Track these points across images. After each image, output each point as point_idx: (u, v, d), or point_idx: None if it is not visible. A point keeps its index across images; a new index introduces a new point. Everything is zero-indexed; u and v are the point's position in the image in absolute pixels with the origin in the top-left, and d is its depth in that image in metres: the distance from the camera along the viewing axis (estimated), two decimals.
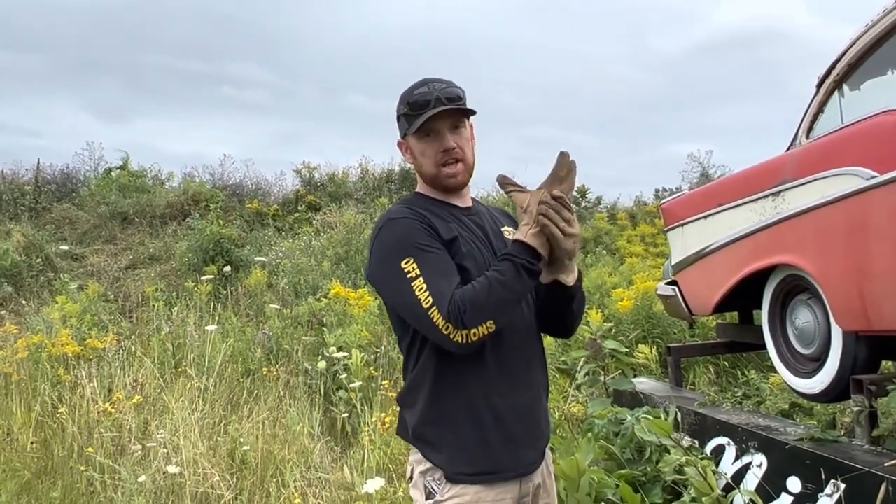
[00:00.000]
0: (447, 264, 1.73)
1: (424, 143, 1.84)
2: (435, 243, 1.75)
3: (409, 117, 1.84)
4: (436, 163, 1.84)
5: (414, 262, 1.71)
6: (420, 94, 1.83)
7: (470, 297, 1.64)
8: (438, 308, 1.65)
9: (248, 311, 8.96)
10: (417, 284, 1.68)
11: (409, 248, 1.72)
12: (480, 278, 1.68)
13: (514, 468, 1.78)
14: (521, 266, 1.67)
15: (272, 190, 16.58)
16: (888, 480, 2.47)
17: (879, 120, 2.92)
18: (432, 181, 1.88)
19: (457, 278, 1.72)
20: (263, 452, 4.38)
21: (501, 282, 1.65)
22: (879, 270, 2.90)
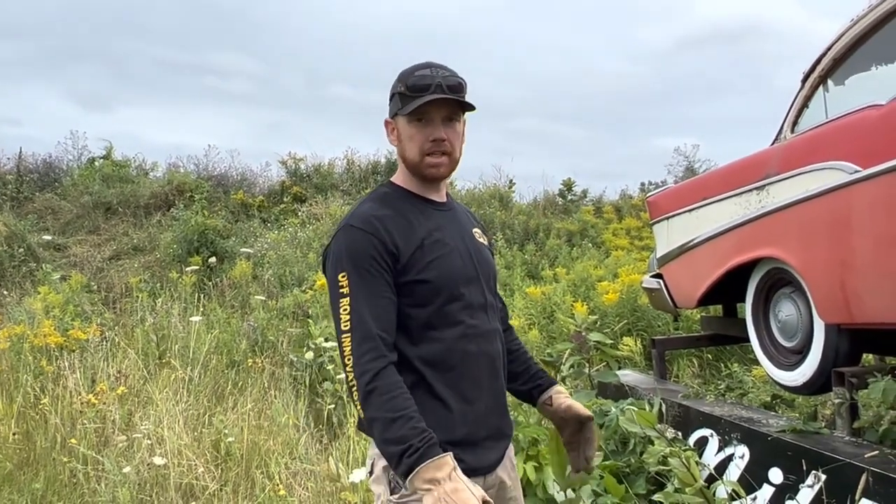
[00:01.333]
0: (382, 298, 1.69)
1: (414, 127, 1.77)
2: (381, 268, 1.70)
3: (405, 98, 1.76)
4: (421, 150, 1.78)
5: (347, 280, 1.69)
6: (420, 76, 1.76)
7: (374, 389, 1.62)
8: (352, 338, 1.66)
9: (233, 302, 8.93)
10: (344, 303, 1.68)
11: (350, 265, 1.69)
12: (394, 399, 1.61)
13: (477, 468, 1.77)
14: (397, 457, 1.59)
15: (257, 181, 16.49)
16: (868, 471, 2.50)
17: (863, 115, 2.95)
18: (413, 168, 1.82)
19: (387, 313, 1.69)
20: (248, 444, 4.36)
21: (384, 424, 1.60)
22: (861, 264, 2.92)
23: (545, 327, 7.33)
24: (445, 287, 1.75)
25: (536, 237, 12.91)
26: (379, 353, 1.65)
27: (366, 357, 1.64)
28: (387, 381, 1.63)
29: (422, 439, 1.57)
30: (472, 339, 1.79)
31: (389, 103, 1.84)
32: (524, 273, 10.35)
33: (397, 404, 1.61)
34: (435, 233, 1.79)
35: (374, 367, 1.63)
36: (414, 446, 1.56)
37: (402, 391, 1.64)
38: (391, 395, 1.62)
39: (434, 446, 1.58)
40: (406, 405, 1.62)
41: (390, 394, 1.62)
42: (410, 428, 1.58)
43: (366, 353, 1.65)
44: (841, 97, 3.34)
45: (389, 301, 1.71)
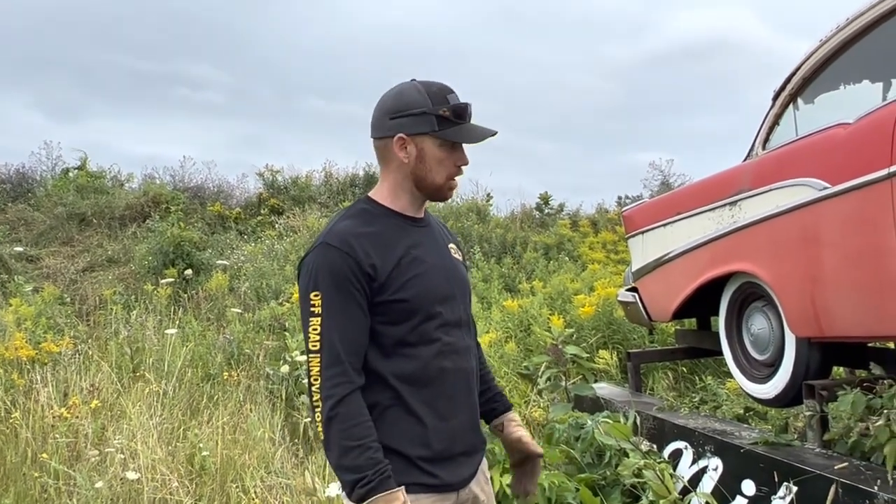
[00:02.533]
0: (353, 322, 1.70)
1: (447, 152, 1.76)
2: (354, 289, 1.69)
3: (446, 122, 1.74)
4: (448, 175, 1.79)
5: (320, 300, 1.69)
6: (456, 99, 1.77)
7: (336, 415, 1.64)
8: (321, 359, 1.67)
9: (208, 315, 8.85)
10: (314, 323, 1.68)
11: (323, 285, 1.69)
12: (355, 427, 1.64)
13: (452, 482, 1.79)
14: (350, 485, 1.63)
15: (234, 193, 16.39)
16: (837, 482, 2.55)
17: (832, 133, 3.02)
18: (434, 190, 1.81)
19: (357, 337, 1.70)
20: (223, 458, 4.33)
21: (342, 451, 1.63)
22: (831, 279, 2.99)
23: (522, 340, 7.35)
24: (423, 306, 1.76)
25: (514, 250, 12.95)
26: (345, 379, 1.66)
27: (331, 381, 1.66)
28: (349, 409, 1.65)
29: (376, 471, 1.61)
30: (448, 356, 1.80)
31: (410, 118, 1.76)
32: (501, 286, 10.38)
33: (357, 433, 1.63)
34: (413, 250, 1.79)
35: (339, 393, 1.65)
36: (367, 477, 1.60)
37: (364, 419, 1.66)
38: (352, 423, 1.64)
39: (387, 480, 1.61)
40: (365, 434, 1.64)
41: (352, 421, 1.64)
42: (367, 458, 1.62)
43: (332, 377, 1.66)
44: (810, 115, 3.42)
45: (360, 324, 1.71)
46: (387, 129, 1.78)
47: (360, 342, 1.71)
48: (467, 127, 1.77)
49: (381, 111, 1.81)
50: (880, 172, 2.65)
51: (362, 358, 1.72)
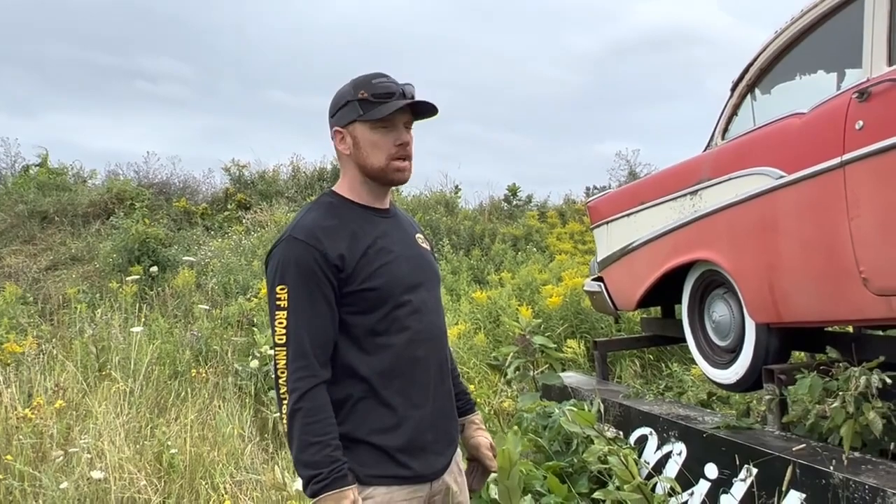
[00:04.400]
0: (320, 315, 1.72)
1: (379, 133, 1.78)
2: (321, 281, 1.71)
3: (367, 104, 1.76)
4: (389, 156, 1.79)
5: (286, 294, 1.71)
6: (382, 83, 1.78)
7: (299, 409, 1.66)
8: (287, 353, 1.69)
9: (175, 312, 8.76)
10: (281, 317, 1.71)
11: (290, 278, 1.71)
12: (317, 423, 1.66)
13: (425, 474, 1.81)
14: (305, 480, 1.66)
15: (200, 188, 16.20)
16: (795, 464, 2.61)
17: (788, 122, 3.08)
18: (377, 173, 1.82)
19: (324, 330, 1.72)
20: (192, 455, 4.30)
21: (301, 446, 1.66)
22: (788, 266, 3.05)
23: (491, 331, 7.40)
24: (392, 294, 1.78)
25: (482, 242, 13.00)
26: (310, 372, 1.69)
27: (297, 374, 1.68)
28: (313, 404, 1.67)
29: (332, 469, 1.64)
30: (420, 345, 1.82)
31: (339, 111, 1.82)
32: (470, 278, 10.42)
33: (318, 429, 1.66)
34: (379, 240, 1.81)
35: (303, 387, 1.67)
36: (323, 475, 1.63)
37: (326, 415, 1.68)
38: (314, 419, 1.66)
39: (341, 479, 1.65)
40: (326, 431, 1.67)
41: (314, 417, 1.66)
42: (324, 455, 1.65)
43: (297, 370, 1.68)
44: (767, 105, 3.48)
45: (327, 317, 1.73)
46: (330, 127, 1.86)
47: (326, 335, 1.73)
48: (385, 104, 1.77)
49: (328, 114, 1.87)
50: (834, 161, 2.71)
51: (329, 351, 1.74)
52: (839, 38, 3.11)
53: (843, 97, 2.75)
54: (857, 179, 2.62)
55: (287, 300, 1.71)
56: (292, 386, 1.67)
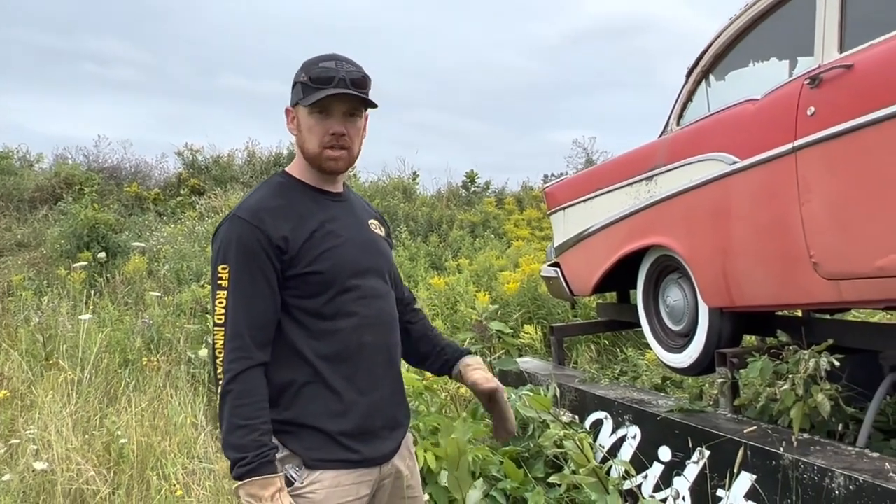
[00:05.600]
0: (260, 296, 1.69)
1: (315, 119, 1.75)
2: (263, 262, 1.68)
3: (307, 88, 1.74)
4: (321, 143, 1.76)
5: (227, 274, 1.68)
6: (325, 68, 1.74)
7: (230, 391, 1.64)
8: (224, 333, 1.66)
9: (126, 299, 8.56)
10: (221, 296, 1.68)
11: (232, 258, 1.68)
12: (246, 406, 1.63)
13: (373, 458, 1.79)
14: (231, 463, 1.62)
15: (153, 173, 15.92)
16: (746, 445, 2.65)
17: (741, 109, 3.11)
18: (312, 159, 1.80)
19: (263, 312, 1.69)
20: (143, 445, 4.21)
21: (230, 428, 1.63)
22: (741, 251, 3.09)
23: (448, 317, 7.39)
24: (337, 278, 1.75)
25: (440, 228, 12.99)
26: (244, 354, 1.65)
27: (231, 355, 1.65)
28: (245, 386, 1.64)
29: (258, 454, 1.61)
30: (367, 330, 1.79)
31: (291, 91, 1.81)
32: (428, 264, 10.41)
33: (246, 412, 1.63)
34: (327, 224, 1.78)
35: (236, 369, 1.64)
36: (248, 459, 1.60)
37: (257, 399, 1.65)
38: (243, 402, 1.63)
39: (267, 464, 1.62)
40: (256, 415, 1.64)
41: (243, 399, 1.63)
42: (251, 440, 1.61)
43: (232, 351, 1.65)
44: (721, 92, 3.51)
45: (267, 299, 1.70)
46: None
47: (265, 317, 1.70)
48: (322, 89, 1.73)
49: None
50: (786, 146, 2.74)
51: (268, 334, 1.71)
52: (792, 25, 3.14)
53: (796, 84, 2.78)
54: (808, 165, 2.65)
55: (228, 280, 1.68)
56: (226, 367, 1.65)
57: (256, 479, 1.59)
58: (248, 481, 1.60)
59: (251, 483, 1.60)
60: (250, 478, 1.59)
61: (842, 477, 2.31)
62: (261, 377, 1.67)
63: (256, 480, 1.60)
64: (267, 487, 1.60)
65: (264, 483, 1.60)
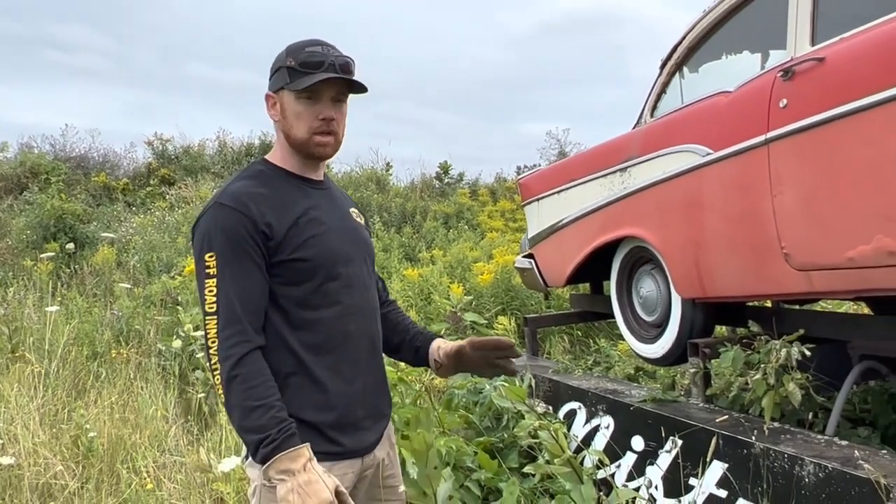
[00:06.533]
0: (251, 280, 1.66)
1: (303, 105, 1.73)
2: (250, 248, 1.65)
3: (295, 73, 1.71)
4: (310, 129, 1.74)
5: (215, 261, 1.65)
6: (313, 52, 1.72)
7: (236, 375, 1.60)
8: (218, 321, 1.63)
9: (94, 290, 8.44)
10: (210, 284, 1.64)
11: (218, 245, 1.65)
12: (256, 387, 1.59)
13: (356, 450, 1.78)
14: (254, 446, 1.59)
15: (121, 163, 15.71)
16: (718, 435, 2.68)
17: (714, 101, 3.13)
18: (299, 146, 1.77)
19: (255, 296, 1.66)
20: (112, 438, 4.15)
21: (244, 412, 1.59)
22: (713, 242, 3.11)
23: (422, 309, 7.38)
24: (323, 265, 1.74)
25: (413, 220, 12.96)
26: (243, 338, 1.62)
27: (230, 341, 1.62)
28: (250, 369, 1.61)
29: (280, 430, 1.57)
30: (351, 319, 1.78)
31: (272, 76, 1.78)
32: (401, 255, 10.38)
33: (258, 392, 1.59)
34: (311, 211, 1.76)
35: (238, 353, 1.61)
36: (271, 436, 1.56)
37: (265, 378, 1.62)
38: (253, 384, 1.60)
39: (291, 437, 1.58)
40: (268, 394, 1.60)
41: (252, 381, 1.60)
42: (270, 417, 1.58)
43: (230, 336, 1.62)
44: (695, 84, 3.53)
45: (258, 283, 1.68)
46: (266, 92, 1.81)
47: (258, 301, 1.67)
48: (310, 74, 1.72)
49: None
50: (758, 138, 2.76)
51: (261, 318, 1.69)
52: (764, 18, 3.16)
53: (769, 76, 2.80)
54: (780, 157, 2.67)
55: (216, 267, 1.65)
56: (226, 353, 1.61)
57: (283, 453, 1.56)
58: (277, 458, 1.56)
59: (279, 459, 1.56)
60: (277, 454, 1.56)
61: (811, 465, 2.34)
62: (263, 359, 1.65)
63: (285, 455, 1.56)
64: (296, 460, 1.56)
65: (293, 455, 1.56)
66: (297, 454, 1.57)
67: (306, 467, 1.57)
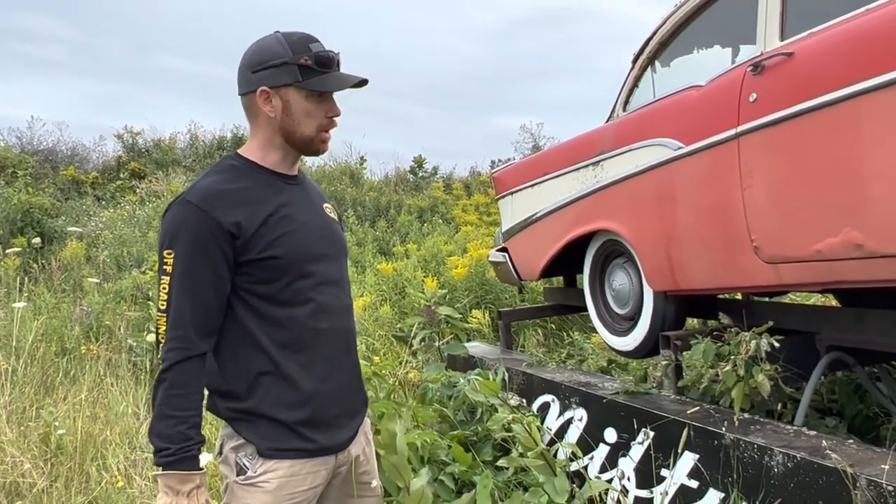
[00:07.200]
0: (205, 284, 1.63)
1: (314, 103, 1.71)
2: (212, 249, 1.63)
3: (309, 72, 1.68)
4: (319, 127, 1.74)
5: (173, 259, 1.63)
6: (320, 48, 1.70)
7: (165, 380, 1.61)
8: (166, 321, 1.63)
9: (63, 286, 8.31)
10: (165, 282, 1.64)
11: (179, 243, 1.63)
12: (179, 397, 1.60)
13: (330, 446, 1.78)
14: (155, 450, 1.60)
15: (90, 156, 15.45)
16: (690, 426, 2.71)
17: (685, 95, 3.15)
18: (304, 143, 1.76)
19: (207, 301, 1.64)
20: (82, 435, 4.10)
21: (160, 416, 1.60)
22: (684, 235, 3.14)
23: (397, 303, 7.37)
24: (294, 264, 1.71)
25: (388, 214, 12.93)
26: (183, 345, 1.62)
27: (170, 344, 1.62)
28: (180, 377, 1.61)
29: (181, 447, 1.59)
30: (324, 316, 1.77)
31: (271, 70, 1.70)
32: (376, 249, 10.35)
33: (178, 403, 1.60)
34: (284, 208, 1.74)
35: (173, 358, 1.61)
36: (172, 450, 1.58)
37: (190, 391, 1.62)
38: (176, 393, 1.60)
39: (189, 459, 1.60)
40: (187, 406, 1.61)
41: (177, 390, 1.61)
42: (178, 432, 1.59)
43: (172, 339, 1.62)
44: (667, 78, 3.55)
45: (214, 287, 1.65)
46: (251, 83, 1.73)
47: (211, 306, 1.65)
48: (334, 75, 1.72)
49: (243, 66, 1.75)
50: (728, 132, 2.78)
51: (214, 323, 1.67)
52: (735, 13, 3.18)
53: (739, 70, 2.82)
54: (750, 150, 2.70)
55: (172, 266, 1.63)
56: (164, 355, 1.62)
57: (176, 472, 1.59)
58: (168, 473, 1.59)
59: (170, 475, 1.59)
60: (171, 470, 1.59)
61: (780, 455, 2.37)
62: (198, 368, 1.64)
63: (176, 474, 1.59)
64: (185, 483, 1.59)
65: (183, 478, 1.59)
66: (188, 478, 1.60)
67: (190, 494, 1.59)
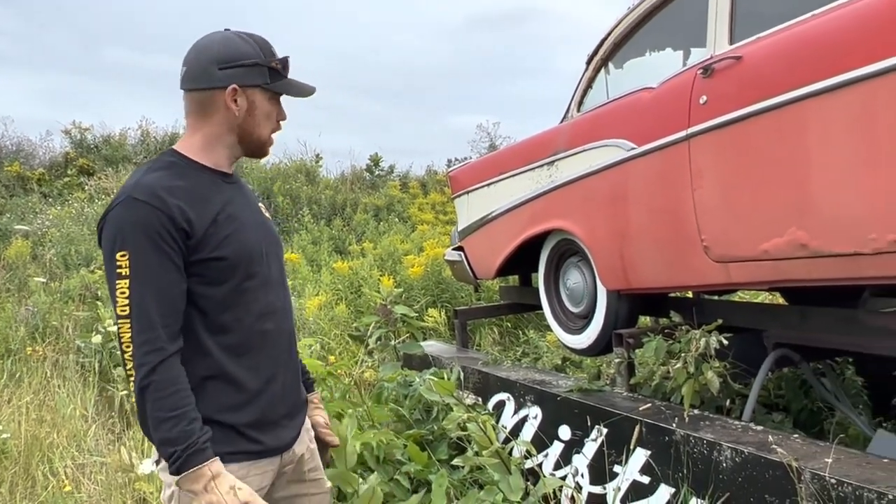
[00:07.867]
0: (167, 282, 1.58)
1: (274, 105, 1.77)
2: (168, 247, 1.58)
3: (276, 75, 1.73)
4: (272, 130, 1.79)
5: (128, 261, 1.56)
6: (276, 52, 1.76)
7: (149, 384, 1.54)
8: (131, 325, 1.55)
9: (8, 285, 8.08)
10: (122, 286, 1.56)
11: (132, 243, 1.56)
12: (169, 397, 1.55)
13: (276, 448, 1.77)
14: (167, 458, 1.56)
15: (37, 152, 15.01)
16: (641, 423, 2.75)
17: (638, 96, 3.19)
18: (257, 145, 1.78)
19: (171, 298, 1.59)
20: (27, 439, 3.99)
21: (156, 423, 1.55)
22: (636, 234, 3.18)
23: (352, 302, 7.34)
24: (242, 263, 1.69)
25: (344, 212, 12.86)
26: (157, 346, 1.56)
27: (143, 349, 1.55)
28: (164, 377, 1.55)
29: (186, 446, 1.54)
30: (268, 318, 1.76)
31: (242, 69, 1.69)
32: (331, 248, 10.29)
33: (170, 403, 1.55)
34: (227, 207, 1.71)
35: (152, 361, 1.55)
36: (178, 453, 1.54)
37: (179, 388, 1.57)
38: (166, 393, 1.55)
39: (196, 455, 1.55)
40: (180, 404, 1.56)
41: (165, 391, 1.55)
42: (180, 431, 1.54)
43: (144, 343, 1.55)
44: (620, 79, 3.59)
45: (176, 284, 1.60)
46: (216, 79, 1.69)
47: (176, 304, 1.60)
48: (293, 81, 1.78)
49: (206, 60, 1.70)
50: (679, 134, 2.83)
51: (180, 320, 1.62)
52: (686, 17, 3.23)
53: (690, 73, 2.87)
54: (700, 152, 2.75)
55: (129, 267, 1.55)
56: (140, 361, 1.54)
57: (186, 474, 1.54)
58: (183, 477, 1.54)
59: (184, 478, 1.54)
60: (183, 473, 1.53)
61: (729, 450, 2.42)
62: (179, 365, 1.59)
63: (188, 475, 1.54)
64: (198, 481, 1.54)
65: (194, 477, 1.54)
66: (199, 475, 1.55)
67: (208, 488, 1.55)
